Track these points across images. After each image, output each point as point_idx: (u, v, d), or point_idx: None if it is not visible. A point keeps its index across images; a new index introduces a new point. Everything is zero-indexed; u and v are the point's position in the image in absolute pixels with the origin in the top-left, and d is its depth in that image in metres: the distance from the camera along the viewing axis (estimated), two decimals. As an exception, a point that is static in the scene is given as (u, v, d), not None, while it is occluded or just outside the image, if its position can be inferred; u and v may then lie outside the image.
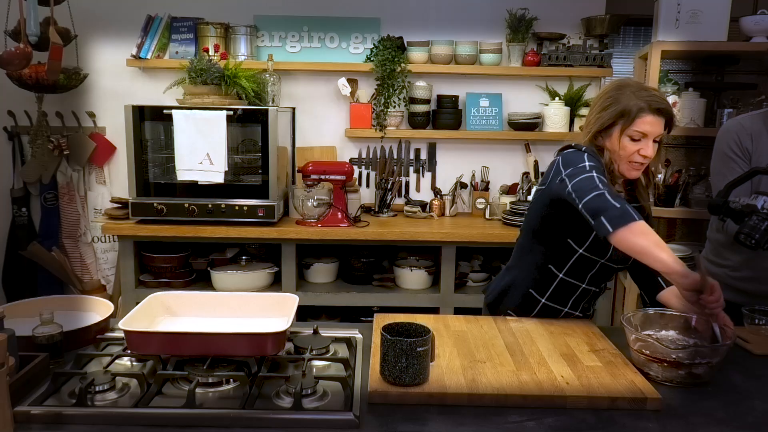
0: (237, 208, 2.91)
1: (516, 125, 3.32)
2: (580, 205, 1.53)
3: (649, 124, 1.61)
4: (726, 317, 1.47)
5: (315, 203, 2.97)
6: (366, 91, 3.33)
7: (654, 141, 1.64)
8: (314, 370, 1.40)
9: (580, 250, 1.70)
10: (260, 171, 2.95)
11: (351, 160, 3.43)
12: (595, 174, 1.55)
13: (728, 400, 1.33)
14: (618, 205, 1.46)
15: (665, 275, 1.47)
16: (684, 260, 2.89)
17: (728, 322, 1.47)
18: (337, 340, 1.56)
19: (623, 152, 1.64)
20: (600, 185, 1.52)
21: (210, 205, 2.90)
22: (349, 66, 3.28)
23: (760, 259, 1.98)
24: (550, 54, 3.26)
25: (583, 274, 1.75)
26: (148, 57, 3.21)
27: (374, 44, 3.28)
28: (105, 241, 3.47)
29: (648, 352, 1.41)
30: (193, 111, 2.84)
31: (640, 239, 1.43)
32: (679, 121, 3.04)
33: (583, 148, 1.67)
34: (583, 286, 1.77)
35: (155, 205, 2.90)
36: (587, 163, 1.59)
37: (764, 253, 1.94)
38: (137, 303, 1.51)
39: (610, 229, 1.45)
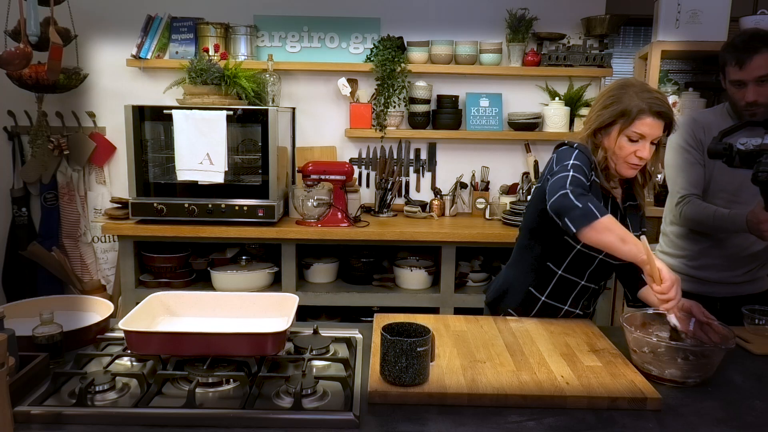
0: (237, 208, 2.91)
1: (516, 125, 3.32)
2: (548, 206, 1.55)
3: (648, 126, 1.62)
4: (685, 313, 1.54)
5: (315, 203, 2.97)
6: (366, 91, 3.33)
7: (651, 143, 1.65)
8: (314, 370, 1.40)
9: (578, 246, 1.70)
10: (260, 171, 2.94)
11: (351, 160, 3.43)
12: (570, 173, 1.56)
13: (728, 400, 1.33)
14: (580, 205, 1.48)
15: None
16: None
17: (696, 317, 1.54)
18: (337, 340, 1.56)
19: (620, 152, 1.65)
20: (567, 185, 1.52)
21: (210, 205, 2.90)
22: (349, 66, 3.28)
23: (717, 248, 2.04)
24: (550, 54, 3.26)
25: (582, 270, 1.75)
26: (148, 57, 3.21)
27: (374, 44, 3.28)
28: (105, 241, 3.47)
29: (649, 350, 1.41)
30: (193, 111, 2.84)
31: (604, 235, 1.47)
32: (680, 121, 3.03)
33: (575, 145, 1.68)
34: (583, 282, 1.77)
35: (155, 205, 2.90)
36: (571, 161, 1.60)
37: (721, 240, 1.98)
38: (137, 303, 1.51)
39: (573, 229, 1.48)
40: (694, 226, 2.02)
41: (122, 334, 1.37)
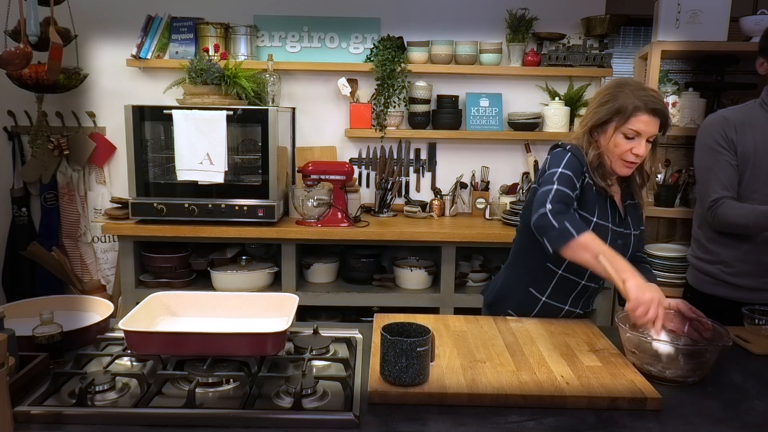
0: (237, 208, 2.91)
1: (516, 125, 3.32)
2: (531, 224, 1.58)
3: (644, 123, 1.62)
4: (675, 312, 1.55)
5: (315, 203, 2.97)
6: (366, 91, 3.33)
7: (647, 141, 1.65)
8: (314, 370, 1.40)
9: None
10: (260, 171, 2.94)
11: (351, 160, 3.43)
12: (555, 187, 1.57)
13: (728, 400, 1.33)
14: (557, 225, 1.50)
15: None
16: (681, 260, 2.89)
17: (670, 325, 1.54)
18: (337, 340, 1.56)
19: (616, 149, 1.66)
20: (548, 201, 1.54)
21: (210, 205, 2.90)
22: (349, 66, 3.28)
23: (754, 253, 1.98)
24: (550, 54, 3.26)
25: (583, 269, 1.75)
26: (148, 57, 3.21)
27: (374, 44, 3.27)
28: (105, 241, 3.47)
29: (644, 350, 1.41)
30: (193, 111, 2.84)
31: (580, 254, 1.49)
32: (679, 121, 3.04)
33: (568, 147, 1.68)
34: (583, 282, 1.77)
35: (155, 205, 2.90)
36: (559, 170, 1.61)
37: (758, 245, 1.95)
38: (137, 303, 1.51)
39: (550, 250, 1.52)
40: (731, 228, 1.95)
41: (122, 334, 1.37)
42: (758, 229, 1.91)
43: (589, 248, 1.47)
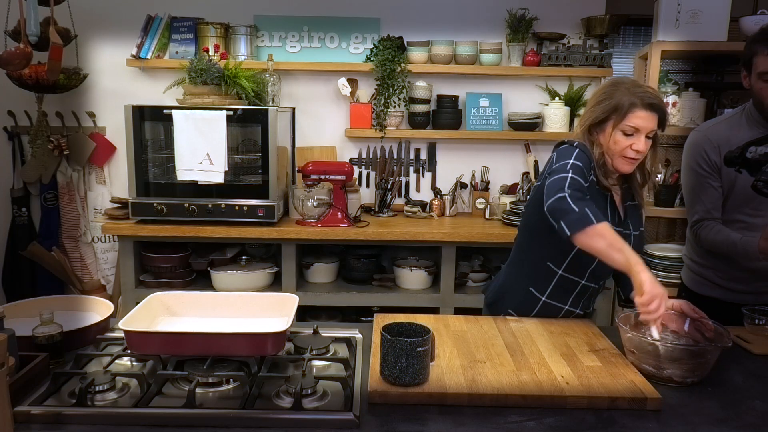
0: (237, 208, 2.91)
1: (516, 125, 3.32)
2: (545, 207, 1.55)
3: (641, 119, 1.62)
4: (677, 313, 1.55)
5: (315, 203, 2.97)
6: (366, 91, 3.33)
7: (647, 137, 1.65)
8: (314, 370, 1.40)
9: (578, 246, 1.70)
10: (260, 171, 2.94)
11: (351, 160, 3.43)
12: (569, 175, 1.56)
13: (728, 400, 1.33)
14: (577, 209, 1.48)
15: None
16: (680, 260, 2.88)
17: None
18: (337, 340, 1.57)
19: (616, 147, 1.66)
20: (566, 187, 1.52)
21: (210, 205, 2.90)
22: (349, 66, 3.28)
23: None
24: (550, 54, 3.26)
25: (583, 269, 1.75)
26: (148, 57, 3.21)
27: (374, 44, 3.27)
28: (105, 241, 3.47)
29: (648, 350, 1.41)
30: (193, 111, 2.84)
31: (596, 242, 1.47)
32: (679, 121, 3.04)
33: (576, 143, 1.68)
34: (583, 282, 1.77)
35: (155, 205, 2.90)
36: (571, 161, 1.60)
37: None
38: (137, 303, 1.51)
39: (568, 233, 1.49)
40: (712, 249, 1.98)
41: (122, 334, 1.37)
42: (732, 257, 1.92)
43: (606, 237, 1.46)
